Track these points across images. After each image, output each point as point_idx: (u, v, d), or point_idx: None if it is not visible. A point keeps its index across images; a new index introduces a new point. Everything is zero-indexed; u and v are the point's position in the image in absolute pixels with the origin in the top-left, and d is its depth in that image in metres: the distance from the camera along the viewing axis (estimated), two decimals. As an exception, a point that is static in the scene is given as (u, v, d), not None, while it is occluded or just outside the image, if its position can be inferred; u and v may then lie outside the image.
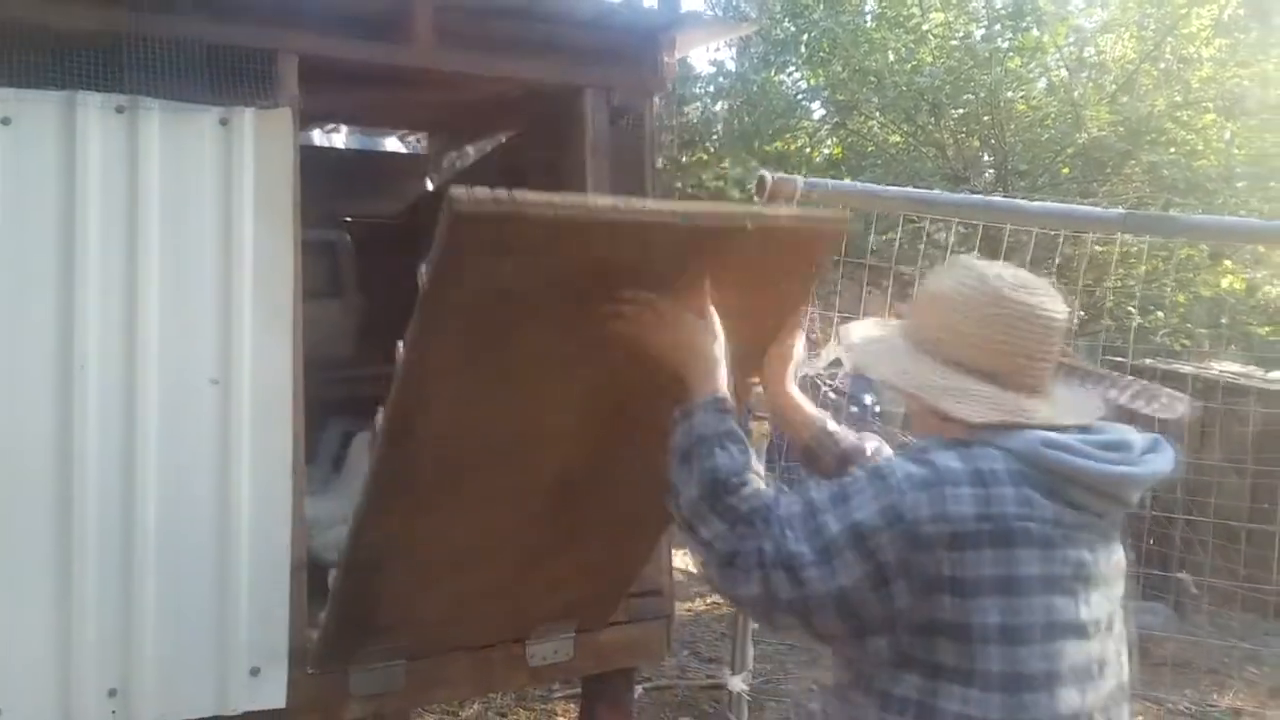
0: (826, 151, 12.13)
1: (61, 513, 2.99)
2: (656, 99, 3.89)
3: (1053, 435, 1.61)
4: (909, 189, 4.51)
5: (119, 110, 3.05)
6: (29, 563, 2.97)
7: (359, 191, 6.39)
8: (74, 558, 3.00)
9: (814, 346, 3.24)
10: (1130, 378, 1.89)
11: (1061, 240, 5.78)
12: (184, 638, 3.14)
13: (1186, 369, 8.69)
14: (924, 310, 1.76)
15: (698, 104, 12.66)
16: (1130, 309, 7.51)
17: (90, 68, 3.01)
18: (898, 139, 9.77)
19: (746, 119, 11.80)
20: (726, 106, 12.55)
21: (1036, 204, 3.66)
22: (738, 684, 3.30)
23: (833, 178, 10.34)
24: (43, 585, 2.98)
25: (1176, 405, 1.88)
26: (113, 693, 3.04)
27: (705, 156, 12.60)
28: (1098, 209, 3.67)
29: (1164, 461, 1.70)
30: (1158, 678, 6.74)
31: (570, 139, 3.95)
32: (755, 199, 3.21)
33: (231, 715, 3.21)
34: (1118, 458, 1.64)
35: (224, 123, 3.19)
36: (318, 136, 7.08)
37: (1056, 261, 7.06)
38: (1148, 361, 8.63)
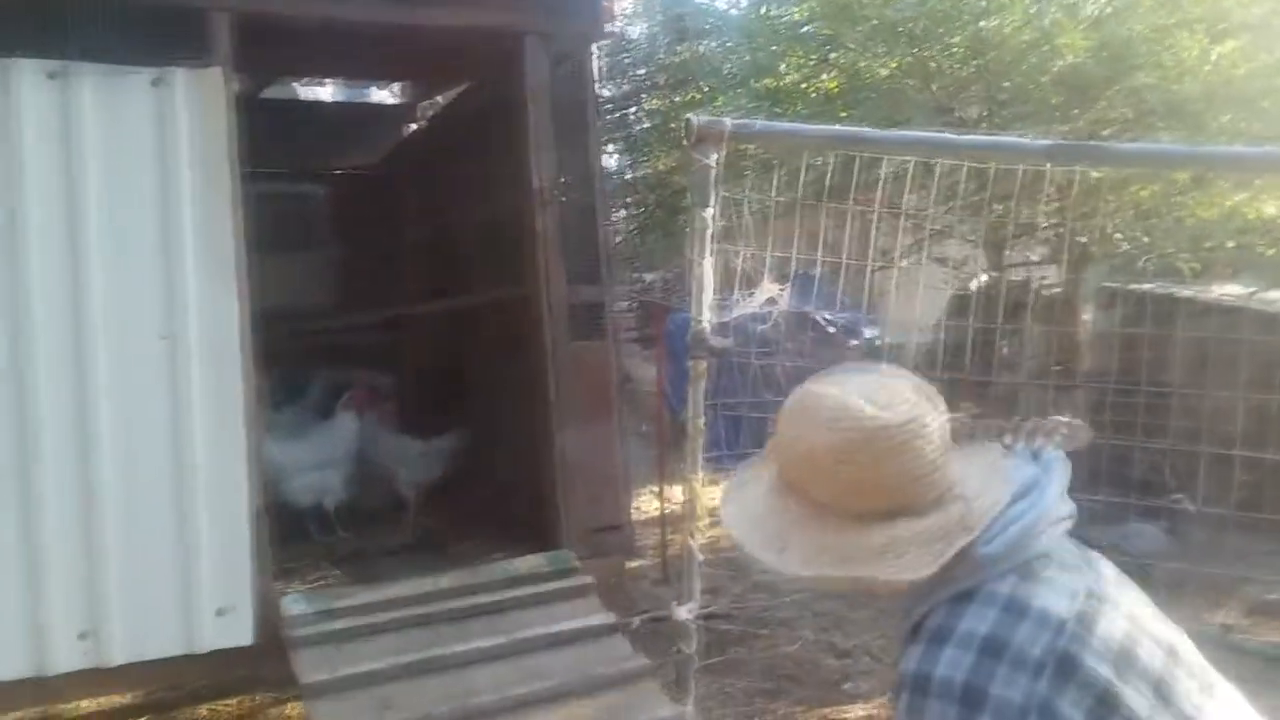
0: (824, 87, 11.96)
1: (20, 470, 3.13)
2: (596, 46, 3.91)
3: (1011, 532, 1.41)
4: (836, 127, 4.48)
5: (51, 76, 3.12)
6: (-7, 518, 3.11)
7: (336, 143, 6.46)
8: (33, 512, 3.14)
9: (750, 284, 3.29)
10: (1023, 421, 1.69)
11: (1050, 170, 5.75)
12: (149, 582, 3.28)
13: (1185, 293, 8.66)
14: (809, 470, 1.46)
15: (689, 44, 12.53)
16: (1117, 235, 7.44)
17: (22, 33, 3.07)
18: (885, 72, 9.63)
19: (740, 57, 11.67)
20: (718, 45, 12.41)
21: (965, 138, 3.64)
22: (683, 613, 3.40)
23: (827, 113, 10.25)
24: (7, 539, 3.12)
25: (1079, 435, 1.70)
26: (83, 635, 3.20)
27: (699, 96, 12.49)
28: (1024, 140, 3.64)
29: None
30: (1152, 598, 6.85)
31: (513, 85, 3.99)
32: (685, 143, 3.23)
33: (200, 654, 3.36)
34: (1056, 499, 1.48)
35: (156, 83, 3.26)
36: (301, 90, 7.13)
37: (1047, 191, 7.04)
38: (1146, 287, 8.60)
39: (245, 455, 3.39)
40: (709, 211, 3.19)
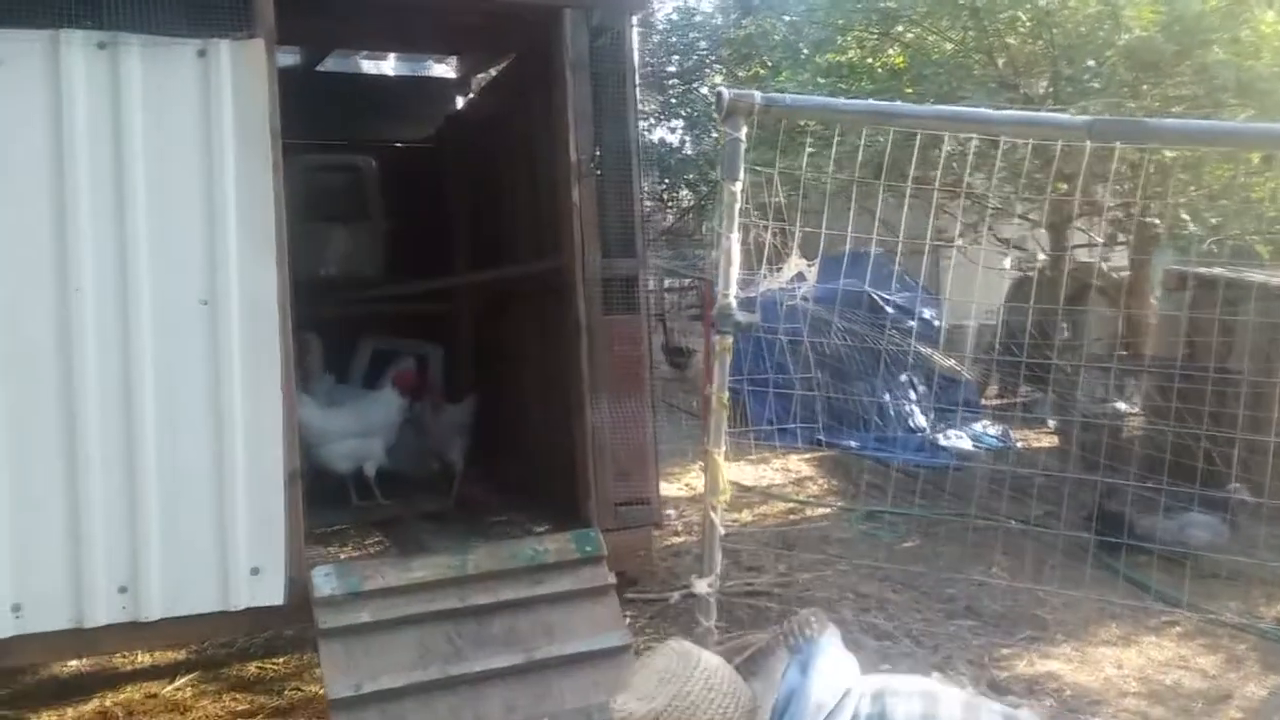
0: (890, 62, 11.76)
1: (67, 428, 3.25)
2: (634, 17, 3.91)
3: None
4: (869, 101, 4.42)
5: (100, 46, 3.22)
6: (39, 475, 3.24)
7: (390, 116, 6.55)
8: (79, 469, 3.26)
9: (777, 260, 3.27)
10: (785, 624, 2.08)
11: (1119, 149, 5.60)
12: (186, 540, 3.40)
13: (1257, 276, 8.38)
14: None
15: (753, 18, 12.40)
16: (1185, 216, 7.22)
17: (71, 5, 3.17)
18: (949, 47, 9.43)
19: (803, 32, 11.52)
20: (782, 19, 12.25)
21: (1002, 113, 3.57)
22: (703, 587, 3.41)
23: (892, 89, 10.08)
24: (53, 495, 3.25)
25: (823, 624, 2.06)
26: (123, 589, 3.33)
27: (762, 71, 12.37)
28: (1063, 115, 3.54)
29: None
30: (1206, 590, 6.69)
31: (553, 58, 4.00)
32: (714, 116, 3.22)
33: (234, 611, 3.47)
34: None
35: (201, 54, 3.34)
36: (365, 64, 7.23)
37: (1113, 167, 6.87)
38: (1216, 270, 8.35)
39: (281, 419, 3.48)
40: (738, 185, 3.17)
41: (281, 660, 5.84)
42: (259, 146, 3.41)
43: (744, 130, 3.20)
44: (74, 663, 5.77)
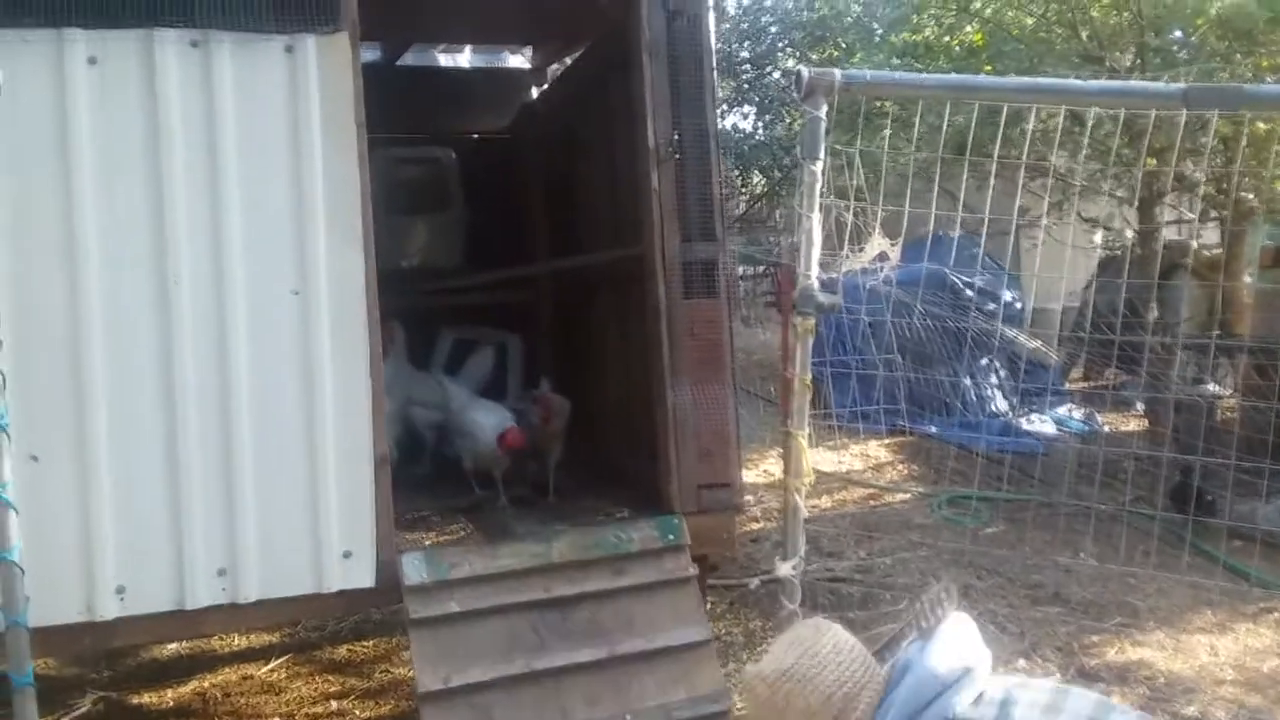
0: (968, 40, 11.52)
1: (167, 416, 3.36)
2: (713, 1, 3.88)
3: None
4: (951, 75, 4.32)
5: (193, 44, 3.31)
6: (143, 461, 3.36)
7: (468, 108, 6.63)
8: (180, 455, 3.37)
9: (859, 239, 3.23)
10: (915, 606, 2.05)
11: (1215, 119, 5.41)
12: (282, 524, 3.49)
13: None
14: None
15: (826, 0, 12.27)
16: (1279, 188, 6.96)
17: (164, 4, 3.26)
18: (1030, 22, 9.21)
19: (877, 11, 11.36)
20: (858, 0, 12.11)
21: (1093, 83, 3.46)
22: (786, 570, 3.40)
23: (970, 67, 9.88)
24: (155, 480, 3.36)
25: (951, 600, 2.03)
26: (222, 572, 3.43)
27: (836, 53, 12.24)
28: (1157, 84, 3.41)
29: None
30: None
31: (630, 42, 4.01)
32: (794, 95, 3.19)
33: (327, 593, 3.56)
34: None
35: (289, 50, 3.41)
36: (441, 57, 7.33)
37: (1210, 143, 6.65)
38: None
39: (369, 406, 3.56)
40: (818, 165, 3.15)
41: (370, 643, 5.99)
42: (345, 140, 3.48)
43: (824, 109, 3.17)
44: (172, 646, 5.99)
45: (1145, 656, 5.53)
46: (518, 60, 7.11)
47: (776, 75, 16.12)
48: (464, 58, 7.25)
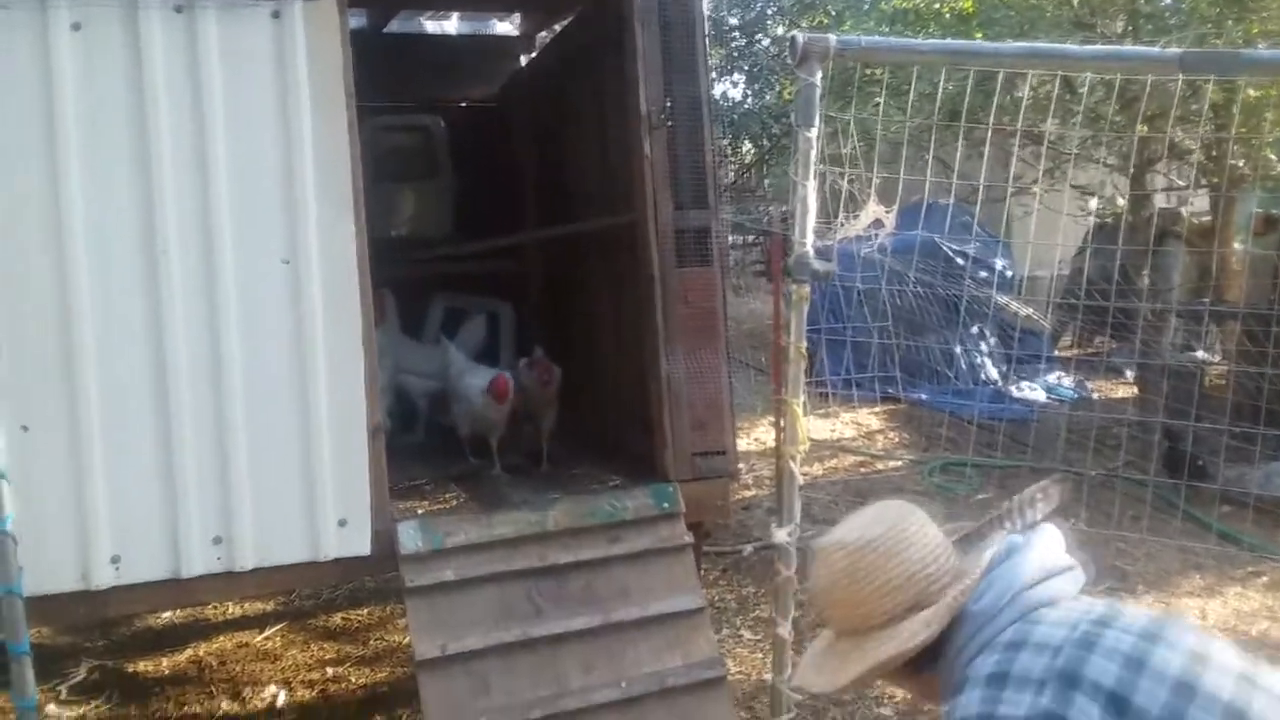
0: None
1: (159, 385, 3.35)
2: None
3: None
4: (946, 40, 4.30)
5: (178, 10, 3.27)
6: (135, 430, 3.35)
7: (455, 76, 6.57)
8: (173, 424, 3.37)
9: (854, 206, 3.22)
10: (1006, 504, 1.90)
11: (1211, 85, 5.40)
12: (277, 493, 3.49)
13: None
14: (833, 603, 1.74)
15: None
16: (1271, 156, 6.97)
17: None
18: (1021, -13, 9.16)
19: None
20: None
21: (1089, 49, 3.44)
22: (782, 536, 3.42)
23: (961, 34, 9.83)
24: (148, 449, 3.36)
25: (1053, 497, 1.89)
26: (217, 540, 3.44)
27: (825, 20, 12.16)
28: (1152, 50, 3.40)
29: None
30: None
31: (622, 9, 3.97)
32: (789, 61, 3.17)
33: (323, 561, 3.57)
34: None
35: (276, 16, 3.37)
36: (427, 24, 7.25)
37: (1205, 111, 6.64)
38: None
39: (363, 374, 3.55)
40: (813, 132, 3.13)
41: (366, 611, 6.02)
42: (334, 107, 3.45)
43: (819, 75, 3.15)
44: (167, 614, 6.01)
45: (1135, 620, 5.60)
46: (505, 27, 7.05)
47: (766, 43, 16.02)
48: (451, 25, 7.18)
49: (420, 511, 4.07)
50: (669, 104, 3.93)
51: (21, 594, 2.88)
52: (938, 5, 11.00)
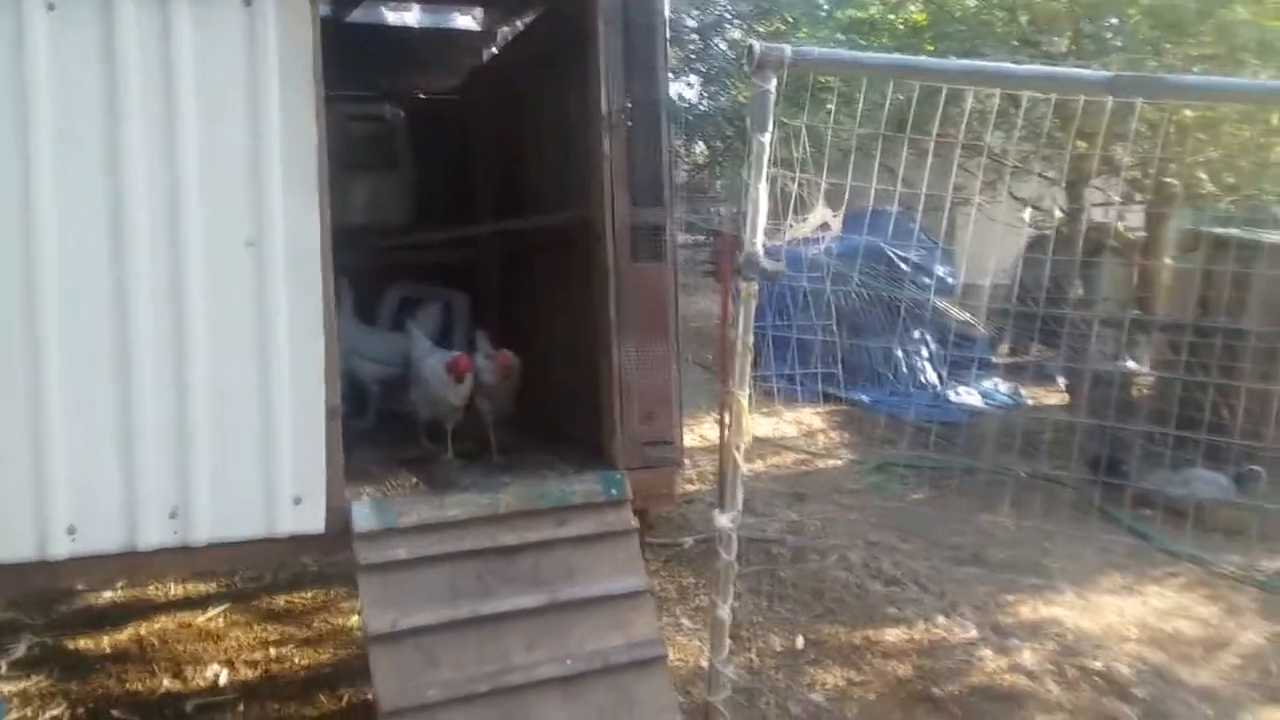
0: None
1: (122, 361, 3.41)
2: (668, -31, 3.98)
3: None
4: (895, 55, 4.50)
5: (152, -6, 3.32)
6: (95, 403, 3.40)
7: (416, 67, 6.64)
8: (133, 397, 3.43)
9: (802, 209, 3.38)
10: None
11: (1140, 107, 5.66)
12: (234, 469, 3.57)
13: (1272, 238, 8.46)
14: None
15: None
16: (1202, 175, 7.30)
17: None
18: (972, 4, 9.46)
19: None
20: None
21: (1025, 68, 3.65)
22: (724, 521, 3.57)
23: (912, 46, 10.09)
24: (108, 422, 3.42)
25: None
26: (174, 514, 3.50)
27: (783, 27, 12.37)
28: (1085, 71, 3.60)
29: None
30: (1209, 543, 6.88)
31: (586, 9, 4.09)
32: (745, 68, 3.32)
33: (278, 538, 3.65)
34: None
35: (248, 3, 3.44)
36: (389, 15, 7.29)
37: (1136, 127, 6.93)
38: (1231, 231, 8.42)
39: (323, 356, 3.64)
40: (767, 136, 3.29)
41: (309, 594, 6.08)
42: (303, 94, 3.53)
43: (774, 83, 3.31)
44: (108, 594, 6.02)
45: (1057, 615, 5.86)
46: (467, 21, 7.12)
47: (724, 46, 16.21)
48: (412, 17, 7.23)
49: (370, 493, 4.16)
50: (629, 104, 4.05)
51: (-19, 560, 2.93)
52: (891, 16, 11.27)
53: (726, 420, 5.01)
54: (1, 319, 3.26)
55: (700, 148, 17.99)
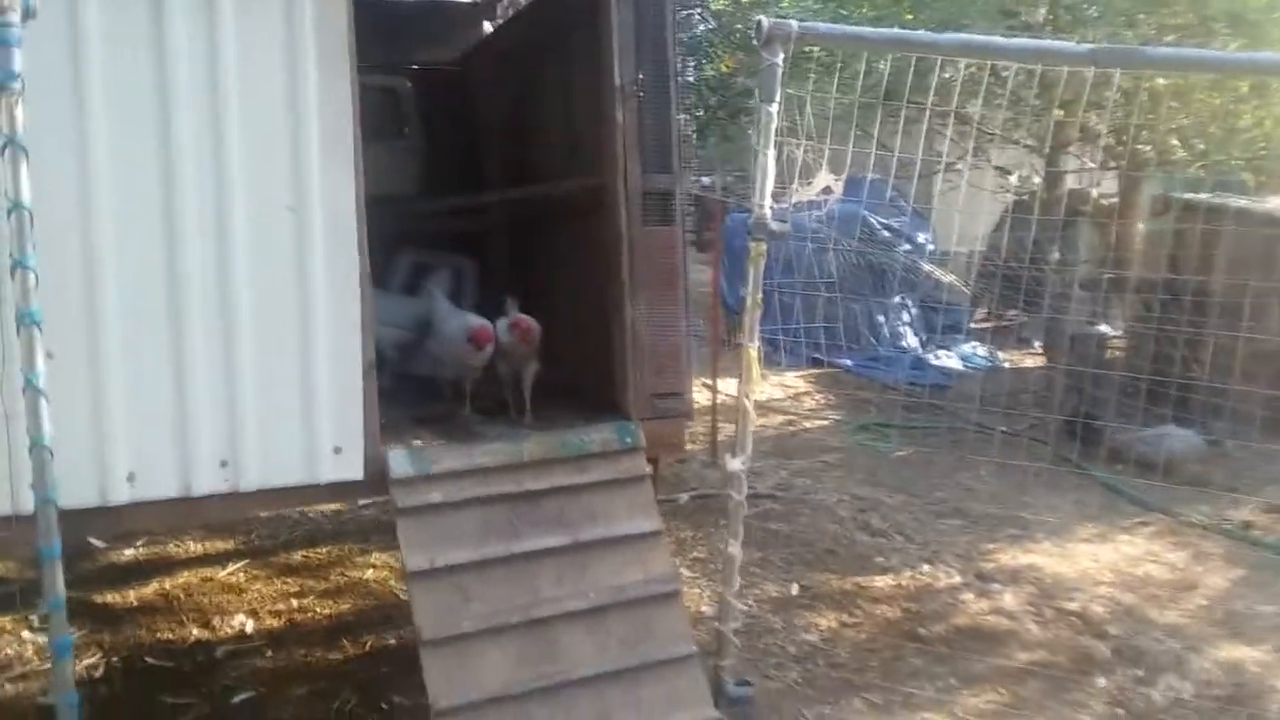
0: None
1: (174, 319, 3.63)
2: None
3: None
4: (896, 30, 4.76)
5: (196, -27, 3.53)
6: (151, 359, 3.63)
7: (423, 40, 6.82)
8: (185, 355, 3.65)
9: (807, 173, 3.65)
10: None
11: (1118, 76, 5.94)
12: (279, 421, 3.81)
13: (1239, 203, 8.80)
14: None
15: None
16: (1174, 142, 7.60)
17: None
18: (953, -26, 9.67)
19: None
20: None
21: (1012, 41, 3.89)
22: (736, 464, 3.85)
23: (893, 15, 10.31)
24: (163, 377, 3.64)
25: None
26: (224, 463, 3.75)
27: (765, -2, 12.54)
28: (1068, 44, 3.87)
29: None
30: (1176, 495, 7.25)
31: (598, -16, 4.31)
32: (754, 43, 3.57)
33: (320, 484, 3.90)
34: None
35: (286, -11, 3.65)
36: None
37: (1114, 96, 7.20)
38: (1201, 196, 8.75)
39: (359, 315, 3.87)
40: (774, 107, 3.55)
41: (325, 550, 6.34)
42: (339, 65, 3.75)
43: (781, 56, 3.56)
44: (129, 551, 6.25)
45: (1035, 561, 6.21)
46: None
47: (708, 18, 16.31)
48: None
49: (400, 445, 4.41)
50: (640, 75, 4.28)
51: (57, 502, 3.16)
52: (873, -11, 11.47)
53: (725, 394, 5.24)
54: (62, 280, 3.45)
55: (684, 117, 18.11)
